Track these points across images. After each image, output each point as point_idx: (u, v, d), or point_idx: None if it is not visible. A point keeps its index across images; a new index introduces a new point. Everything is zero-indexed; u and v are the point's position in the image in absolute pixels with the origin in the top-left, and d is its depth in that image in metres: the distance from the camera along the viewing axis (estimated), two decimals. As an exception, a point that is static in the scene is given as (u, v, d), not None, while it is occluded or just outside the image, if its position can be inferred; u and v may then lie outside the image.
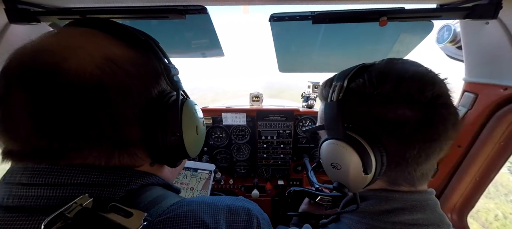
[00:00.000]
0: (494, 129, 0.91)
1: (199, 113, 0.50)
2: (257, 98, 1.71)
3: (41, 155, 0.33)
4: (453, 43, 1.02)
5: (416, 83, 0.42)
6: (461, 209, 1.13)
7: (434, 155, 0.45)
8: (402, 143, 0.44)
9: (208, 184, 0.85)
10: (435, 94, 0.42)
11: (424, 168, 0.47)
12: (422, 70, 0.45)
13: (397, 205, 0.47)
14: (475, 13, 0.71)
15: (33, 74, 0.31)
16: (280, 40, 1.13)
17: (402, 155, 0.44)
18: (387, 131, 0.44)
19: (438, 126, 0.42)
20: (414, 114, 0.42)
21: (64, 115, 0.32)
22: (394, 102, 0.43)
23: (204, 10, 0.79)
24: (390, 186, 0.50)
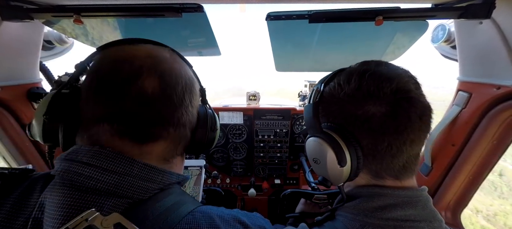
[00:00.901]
0: (487, 127, 0.92)
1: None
2: (254, 97, 1.71)
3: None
4: (447, 42, 1.03)
5: (374, 81, 0.47)
6: (455, 207, 1.14)
7: (406, 146, 0.47)
8: (372, 136, 0.48)
9: (200, 180, 0.85)
10: (394, 89, 0.45)
11: (400, 160, 0.49)
12: (383, 69, 0.49)
13: (390, 201, 0.49)
14: (469, 13, 0.72)
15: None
16: (277, 39, 1.13)
17: (375, 148, 0.48)
18: (358, 126, 0.48)
19: (400, 119, 0.45)
20: (377, 109, 0.46)
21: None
22: (359, 100, 0.48)
23: (200, 8, 0.79)
24: (376, 180, 0.53)
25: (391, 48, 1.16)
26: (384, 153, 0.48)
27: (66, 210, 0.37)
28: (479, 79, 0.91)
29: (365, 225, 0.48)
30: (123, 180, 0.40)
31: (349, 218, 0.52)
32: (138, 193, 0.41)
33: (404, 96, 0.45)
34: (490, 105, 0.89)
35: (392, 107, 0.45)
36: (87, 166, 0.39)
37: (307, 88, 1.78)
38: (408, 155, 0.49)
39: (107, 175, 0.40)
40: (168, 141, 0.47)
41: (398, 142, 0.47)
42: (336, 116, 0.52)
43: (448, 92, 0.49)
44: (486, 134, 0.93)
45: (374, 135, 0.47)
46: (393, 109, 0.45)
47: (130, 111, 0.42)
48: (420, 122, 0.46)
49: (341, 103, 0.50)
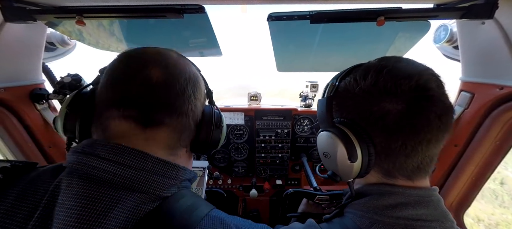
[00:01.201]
0: (490, 128, 0.91)
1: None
2: (255, 98, 1.71)
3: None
4: (449, 42, 1.03)
5: (392, 77, 0.45)
6: (458, 207, 1.14)
7: (422, 147, 0.46)
8: (386, 134, 0.47)
9: (203, 181, 0.85)
10: (413, 86, 0.44)
11: (415, 160, 0.47)
12: (402, 65, 0.47)
13: (401, 200, 0.48)
14: (471, 13, 0.72)
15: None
16: (278, 40, 1.13)
17: (388, 146, 0.47)
18: (371, 123, 0.47)
19: (417, 117, 0.44)
20: (393, 107, 0.44)
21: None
22: (375, 96, 0.46)
23: (202, 9, 0.79)
24: (387, 179, 0.52)
25: (393, 48, 1.16)
26: (398, 152, 0.47)
27: (82, 201, 0.38)
28: (481, 80, 0.91)
29: (375, 222, 0.48)
30: (138, 175, 0.42)
31: (358, 215, 0.51)
32: (156, 188, 0.43)
33: (423, 94, 0.44)
34: (493, 106, 0.89)
35: (409, 105, 0.44)
36: (103, 160, 0.41)
37: (308, 88, 1.78)
38: (423, 156, 0.47)
39: (122, 169, 0.41)
40: (171, 128, 0.48)
41: (413, 142, 0.45)
42: (350, 111, 0.51)
43: (449, 92, 0.48)
44: (489, 135, 0.92)
45: (389, 133, 0.46)
46: (410, 107, 0.44)
47: (135, 96, 0.45)
48: (439, 122, 0.44)
49: (356, 98, 0.49)
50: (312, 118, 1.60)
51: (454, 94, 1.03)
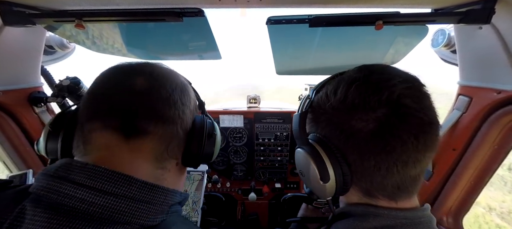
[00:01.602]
0: (488, 132, 0.92)
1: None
2: (254, 100, 1.71)
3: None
4: (447, 47, 1.03)
5: (361, 93, 0.42)
6: (457, 212, 1.14)
7: (398, 168, 0.41)
8: (359, 153, 0.44)
9: (202, 185, 0.85)
10: (383, 102, 0.40)
11: (392, 180, 0.43)
12: (375, 77, 0.43)
13: (386, 223, 0.44)
14: (468, 18, 0.72)
15: None
16: (277, 43, 1.13)
17: (362, 165, 0.44)
18: (344, 141, 0.44)
19: (387, 137, 0.40)
20: (363, 125, 0.41)
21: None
22: (344, 114, 0.44)
23: (201, 13, 0.80)
24: (368, 199, 0.48)
25: (391, 52, 1.17)
26: (372, 171, 0.43)
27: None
28: (479, 84, 0.91)
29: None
30: (120, 203, 0.36)
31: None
32: (140, 217, 0.37)
33: (394, 111, 0.40)
34: (491, 110, 0.89)
35: (380, 124, 0.40)
36: (79, 186, 0.36)
37: (308, 91, 1.78)
38: (402, 177, 0.43)
39: (101, 197, 0.36)
40: (156, 136, 0.44)
41: (387, 163, 0.41)
42: (323, 127, 0.49)
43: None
44: (487, 139, 0.93)
45: (361, 152, 0.43)
46: (381, 125, 0.40)
47: (118, 104, 0.42)
48: (415, 142, 0.40)
49: (327, 114, 0.47)
50: (311, 121, 1.60)
51: (453, 98, 1.04)
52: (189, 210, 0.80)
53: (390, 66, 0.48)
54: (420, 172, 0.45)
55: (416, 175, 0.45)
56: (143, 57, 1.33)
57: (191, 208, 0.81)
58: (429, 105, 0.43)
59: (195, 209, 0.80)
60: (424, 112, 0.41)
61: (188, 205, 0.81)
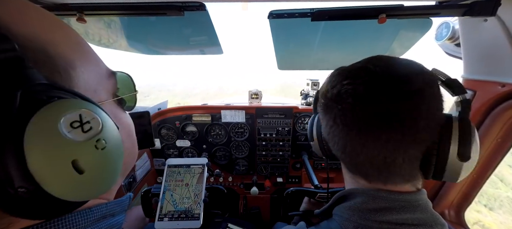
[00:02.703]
0: (492, 126, 0.91)
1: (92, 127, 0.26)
2: (256, 96, 1.71)
3: None
4: (451, 40, 1.02)
5: (337, 80, 0.48)
6: (459, 205, 1.14)
7: (367, 149, 0.45)
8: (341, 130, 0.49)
9: (202, 178, 0.86)
10: (342, 92, 0.46)
11: (372, 162, 0.46)
12: (353, 67, 0.48)
13: (384, 205, 0.47)
14: (473, 10, 0.71)
15: None
16: (279, 37, 1.13)
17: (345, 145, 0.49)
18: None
19: (341, 120, 0.47)
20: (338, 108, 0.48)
21: None
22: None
23: (202, 7, 0.79)
24: (369, 183, 0.51)
25: (394, 46, 1.16)
26: (349, 152, 0.49)
27: None
28: (483, 77, 0.90)
29: (359, 226, 0.48)
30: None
31: (344, 218, 0.51)
32: None
33: (342, 98, 0.45)
34: (495, 103, 0.89)
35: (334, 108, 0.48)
36: None
37: (309, 86, 1.78)
38: (380, 157, 0.45)
39: None
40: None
41: (360, 143, 0.46)
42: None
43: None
44: (491, 132, 0.92)
45: (342, 129, 0.48)
46: (334, 110, 0.48)
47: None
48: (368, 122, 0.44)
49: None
50: (313, 116, 1.60)
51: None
52: (191, 202, 0.81)
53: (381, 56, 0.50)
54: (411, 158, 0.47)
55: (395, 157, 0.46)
56: (145, 51, 1.33)
57: (193, 201, 0.81)
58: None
59: (197, 202, 0.81)
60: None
61: (190, 198, 0.82)
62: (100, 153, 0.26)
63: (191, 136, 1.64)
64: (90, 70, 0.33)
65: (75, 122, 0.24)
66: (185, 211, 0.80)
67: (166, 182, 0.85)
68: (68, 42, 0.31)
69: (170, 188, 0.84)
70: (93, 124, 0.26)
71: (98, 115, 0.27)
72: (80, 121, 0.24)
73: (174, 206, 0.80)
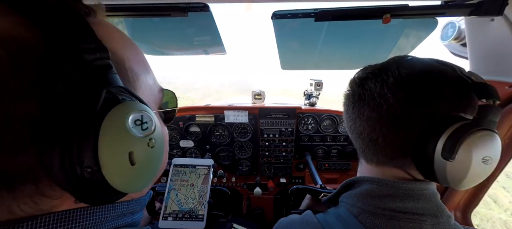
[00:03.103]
0: (499, 126, 0.90)
1: (147, 127, 0.30)
2: (259, 96, 1.71)
3: None
4: (457, 40, 1.01)
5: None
6: (465, 207, 1.12)
7: (356, 125, 0.54)
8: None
9: (208, 179, 0.86)
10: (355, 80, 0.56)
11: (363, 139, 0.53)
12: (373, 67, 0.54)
13: (388, 192, 0.49)
14: (480, 10, 0.71)
15: None
16: (283, 38, 1.12)
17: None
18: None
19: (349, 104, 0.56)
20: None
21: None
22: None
23: (206, 8, 0.79)
24: (375, 167, 0.56)
25: (398, 46, 1.15)
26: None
27: None
28: (490, 77, 0.89)
29: (362, 212, 0.50)
30: None
31: (349, 204, 0.54)
32: None
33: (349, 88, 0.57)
34: (502, 104, 0.87)
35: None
36: None
37: (313, 87, 1.77)
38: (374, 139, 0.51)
39: None
40: None
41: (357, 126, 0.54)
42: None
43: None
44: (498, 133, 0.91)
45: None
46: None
47: None
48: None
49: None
50: (316, 116, 1.60)
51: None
52: (195, 203, 0.81)
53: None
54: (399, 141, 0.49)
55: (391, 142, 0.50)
56: (149, 52, 1.34)
57: (197, 202, 0.82)
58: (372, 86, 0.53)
59: (201, 203, 0.81)
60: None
61: (194, 199, 0.82)
62: (150, 150, 0.30)
63: (195, 136, 1.64)
64: (148, 83, 0.39)
65: (138, 120, 0.29)
66: (189, 211, 0.80)
67: (172, 181, 0.85)
68: (136, 58, 0.37)
69: (175, 188, 0.84)
70: (150, 124, 0.30)
71: (154, 120, 0.31)
72: (141, 120, 0.29)
73: (179, 206, 0.81)
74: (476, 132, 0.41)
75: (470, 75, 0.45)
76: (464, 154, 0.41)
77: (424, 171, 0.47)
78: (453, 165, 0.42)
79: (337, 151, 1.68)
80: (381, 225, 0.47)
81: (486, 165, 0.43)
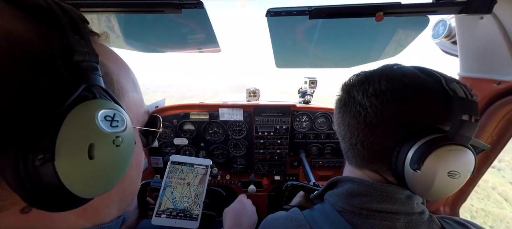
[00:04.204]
0: (487, 123, 0.92)
1: (118, 124, 0.30)
2: (254, 94, 1.70)
3: None
4: (448, 38, 1.03)
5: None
6: (454, 202, 1.15)
7: (340, 129, 0.59)
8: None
9: (205, 179, 0.86)
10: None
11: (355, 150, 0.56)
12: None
13: (366, 192, 0.52)
14: (470, 8, 0.72)
15: None
16: (277, 36, 1.12)
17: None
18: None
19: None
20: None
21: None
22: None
23: (200, 4, 0.79)
24: (357, 169, 0.59)
25: (391, 44, 1.16)
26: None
27: None
28: (479, 75, 0.91)
29: (342, 211, 0.53)
30: None
31: (332, 202, 0.57)
32: None
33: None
34: (490, 100, 0.90)
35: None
36: None
37: (307, 84, 1.78)
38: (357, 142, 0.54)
39: None
40: None
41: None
42: None
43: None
44: (486, 130, 0.93)
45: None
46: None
47: None
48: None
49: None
50: (310, 114, 1.61)
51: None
52: (191, 202, 0.81)
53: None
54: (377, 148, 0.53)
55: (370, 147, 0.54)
56: (142, 49, 1.32)
57: (193, 201, 0.81)
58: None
59: (197, 202, 0.81)
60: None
61: (190, 198, 0.82)
62: (114, 149, 0.29)
63: (189, 134, 1.63)
64: (134, 101, 0.42)
65: (108, 116, 0.29)
66: (183, 210, 0.80)
67: (168, 178, 0.84)
68: (126, 76, 0.41)
69: (171, 185, 0.83)
70: (120, 124, 0.30)
71: (126, 121, 0.32)
72: (111, 118, 0.29)
73: (173, 204, 0.80)
74: (444, 146, 0.42)
75: (455, 87, 0.46)
76: (429, 166, 0.43)
77: (397, 178, 0.51)
78: (419, 176, 0.44)
79: (331, 149, 1.70)
80: (359, 223, 0.50)
81: (452, 179, 0.44)
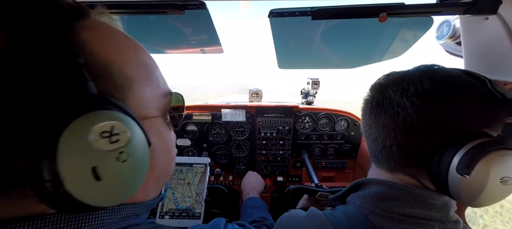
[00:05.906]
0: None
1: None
2: (256, 95, 1.71)
3: None
4: (452, 39, 1.02)
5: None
6: (459, 204, 1.14)
7: (371, 131, 0.55)
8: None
9: (204, 177, 0.86)
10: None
11: (387, 153, 0.52)
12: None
13: (398, 196, 0.49)
14: (474, 9, 0.71)
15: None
16: (280, 36, 1.12)
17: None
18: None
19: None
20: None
21: None
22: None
23: (203, 6, 0.79)
24: (386, 172, 0.56)
25: (394, 45, 1.15)
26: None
27: None
28: (484, 76, 0.90)
29: (370, 213, 0.50)
30: None
31: (357, 204, 0.54)
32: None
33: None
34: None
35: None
36: None
37: (310, 85, 1.78)
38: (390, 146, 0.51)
39: None
40: None
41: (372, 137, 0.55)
42: None
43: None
44: (491, 131, 0.92)
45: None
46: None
47: None
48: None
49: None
50: (313, 115, 1.60)
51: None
52: (192, 201, 0.81)
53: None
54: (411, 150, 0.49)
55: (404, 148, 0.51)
56: (145, 50, 1.32)
57: (194, 200, 0.81)
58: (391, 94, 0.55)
59: (198, 201, 0.81)
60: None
61: (191, 197, 0.82)
62: (120, 165, 0.27)
63: (192, 135, 1.64)
64: (147, 89, 0.36)
65: (106, 132, 0.25)
66: (186, 209, 0.80)
67: None
68: (132, 61, 0.34)
69: (171, 186, 0.84)
70: (121, 137, 0.26)
71: (130, 130, 0.28)
72: (110, 132, 0.26)
73: (175, 204, 0.81)
74: (496, 151, 0.40)
75: (503, 90, 0.44)
76: (480, 171, 0.39)
77: (437, 183, 0.46)
78: (468, 182, 0.40)
79: (334, 150, 1.69)
80: (389, 227, 0.47)
81: (505, 186, 0.41)
